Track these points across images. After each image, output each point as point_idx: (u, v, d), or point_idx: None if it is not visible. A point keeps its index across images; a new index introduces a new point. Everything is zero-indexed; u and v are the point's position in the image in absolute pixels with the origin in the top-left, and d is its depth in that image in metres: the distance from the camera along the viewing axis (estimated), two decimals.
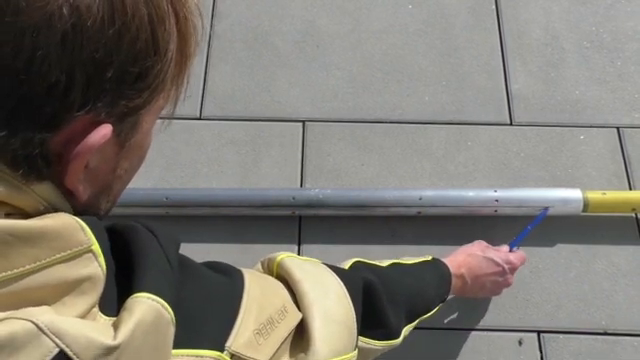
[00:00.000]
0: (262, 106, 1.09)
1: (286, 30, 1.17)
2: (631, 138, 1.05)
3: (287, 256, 0.53)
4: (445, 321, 0.91)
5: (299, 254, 0.95)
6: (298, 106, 1.09)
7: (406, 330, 0.65)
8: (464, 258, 0.81)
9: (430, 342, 0.89)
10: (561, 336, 0.90)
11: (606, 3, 1.19)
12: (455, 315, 0.91)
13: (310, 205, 0.94)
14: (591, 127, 1.06)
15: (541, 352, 0.89)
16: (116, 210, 1.04)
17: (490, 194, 0.94)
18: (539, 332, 0.90)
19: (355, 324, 0.52)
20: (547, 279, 0.94)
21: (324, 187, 1.00)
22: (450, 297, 0.79)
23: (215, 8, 1.20)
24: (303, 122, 1.07)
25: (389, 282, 0.62)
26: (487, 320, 0.91)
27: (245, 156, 1.04)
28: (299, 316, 0.47)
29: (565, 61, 1.13)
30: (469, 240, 0.96)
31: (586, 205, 0.93)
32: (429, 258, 0.77)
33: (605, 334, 0.90)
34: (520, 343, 0.89)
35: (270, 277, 0.51)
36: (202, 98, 1.09)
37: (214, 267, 0.45)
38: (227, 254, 0.95)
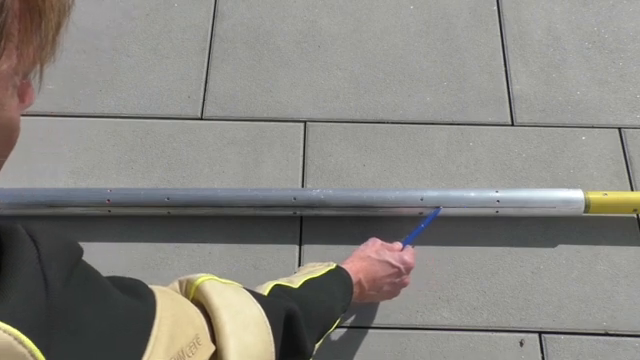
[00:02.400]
0: (263, 106, 1.09)
1: (287, 30, 1.17)
2: (633, 139, 1.05)
3: (207, 279, 0.49)
4: (446, 322, 0.91)
5: (300, 254, 0.95)
6: (299, 106, 1.09)
7: (317, 347, 0.64)
8: (360, 263, 0.80)
9: (431, 342, 0.89)
10: (562, 337, 0.90)
11: (608, 4, 1.19)
12: (455, 315, 0.91)
13: (311, 205, 0.94)
14: (593, 128, 1.06)
15: (542, 353, 0.89)
16: (117, 211, 1.04)
17: (491, 195, 0.94)
18: (540, 333, 0.90)
19: (274, 357, 0.50)
20: (548, 280, 0.94)
21: (325, 187, 1.00)
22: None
23: (216, 9, 1.20)
24: (304, 122, 1.08)
25: (306, 306, 0.60)
26: (488, 321, 0.91)
27: (246, 156, 1.04)
28: (212, 349, 0.43)
29: (567, 62, 1.13)
30: (469, 240, 0.96)
31: (587, 206, 0.92)
32: (333, 266, 0.75)
33: (606, 335, 0.90)
34: (521, 344, 0.89)
35: (186, 301, 0.46)
36: (203, 98, 1.09)
37: (125, 286, 0.39)
38: (228, 254, 0.95)
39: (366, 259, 0.81)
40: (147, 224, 0.97)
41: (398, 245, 0.87)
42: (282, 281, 0.65)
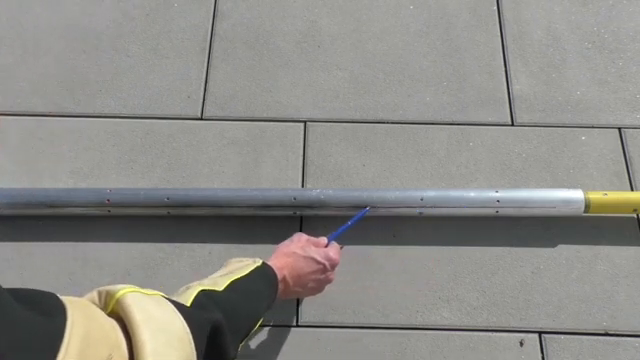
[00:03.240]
0: (263, 106, 1.09)
1: (287, 30, 1.17)
2: (633, 139, 1.05)
3: (130, 291, 0.47)
4: (446, 322, 0.91)
5: None
6: (299, 106, 1.09)
7: (240, 348, 0.65)
8: (285, 260, 0.79)
9: (431, 342, 0.89)
10: (562, 337, 0.90)
11: (608, 4, 1.19)
12: (455, 315, 0.91)
13: (311, 205, 0.94)
14: (592, 128, 1.06)
15: (542, 353, 0.89)
16: (117, 211, 1.04)
17: (491, 195, 0.94)
18: (540, 333, 0.90)
19: None
20: (548, 280, 0.94)
21: (325, 187, 1.00)
22: None
23: (217, 9, 1.20)
24: (304, 122, 1.07)
25: (232, 312, 0.60)
26: (488, 321, 0.91)
27: (246, 156, 1.04)
28: None
29: (566, 62, 1.13)
30: (469, 240, 0.96)
31: (587, 206, 0.93)
32: (259, 263, 0.74)
33: (606, 335, 0.90)
34: (521, 344, 0.89)
35: (102, 315, 0.44)
36: (203, 98, 1.09)
37: (30, 301, 0.37)
38: (228, 254, 0.95)
39: (291, 255, 0.80)
40: (147, 224, 0.97)
41: (323, 240, 0.85)
42: (206, 285, 0.63)
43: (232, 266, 0.73)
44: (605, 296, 0.92)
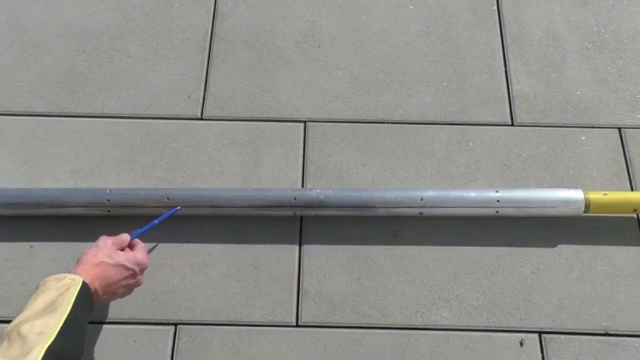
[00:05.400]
0: (263, 106, 1.09)
1: (287, 30, 1.17)
2: (633, 139, 1.05)
3: None
4: (446, 322, 0.91)
5: (300, 254, 0.95)
6: (299, 106, 1.09)
7: None
8: (94, 270, 0.77)
9: (431, 342, 0.89)
10: (562, 337, 0.90)
11: (607, 4, 1.19)
12: (455, 315, 0.91)
13: (311, 205, 0.94)
14: (592, 128, 1.06)
15: (542, 353, 0.89)
16: (117, 211, 1.04)
17: (491, 195, 0.94)
18: (540, 333, 0.90)
19: None
20: (548, 280, 0.94)
21: (325, 187, 1.00)
22: None
23: (217, 9, 1.20)
24: (304, 122, 1.07)
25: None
26: (488, 321, 0.91)
27: (246, 156, 1.04)
28: None
29: (566, 62, 1.13)
30: (469, 240, 0.96)
31: (587, 206, 0.93)
32: (80, 283, 0.72)
33: (606, 335, 0.90)
34: (521, 344, 0.89)
35: None
36: (203, 98, 1.09)
37: None
38: (228, 254, 0.95)
39: (100, 265, 0.78)
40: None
41: (126, 237, 0.85)
42: (42, 332, 0.64)
43: (52, 291, 0.71)
44: (605, 296, 0.92)
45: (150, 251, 0.95)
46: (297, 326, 0.91)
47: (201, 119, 1.08)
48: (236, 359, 0.88)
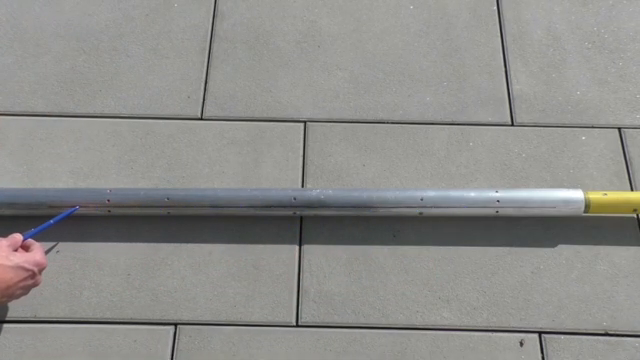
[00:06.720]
0: (263, 106, 1.09)
1: (287, 30, 1.17)
2: (633, 139, 1.05)
3: None
4: (446, 322, 0.91)
5: (300, 254, 0.95)
6: (299, 106, 1.09)
7: None
8: None
9: (431, 342, 0.89)
10: (562, 337, 0.90)
11: (608, 4, 1.19)
12: (455, 315, 0.91)
13: (311, 205, 0.94)
14: (593, 128, 1.06)
15: (542, 353, 0.89)
16: (117, 211, 1.04)
17: (491, 195, 0.94)
18: (540, 333, 0.90)
19: None
20: (548, 280, 0.94)
21: (325, 187, 1.00)
22: None
23: (216, 9, 1.20)
24: (304, 122, 1.08)
25: None
26: (488, 321, 0.91)
27: (246, 156, 1.04)
28: None
29: (566, 62, 1.13)
30: (469, 240, 0.96)
31: (587, 206, 0.93)
32: None
33: (606, 335, 0.90)
34: (521, 344, 0.89)
35: None
36: (203, 98, 1.09)
37: None
38: (228, 254, 0.95)
39: None
40: (147, 224, 0.97)
41: (19, 237, 0.85)
42: None
43: None
44: (605, 296, 0.92)
45: (48, 251, 0.94)
46: (297, 326, 0.91)
47: (201, 119, 1.08)
48: (236, 359, 0.88)
